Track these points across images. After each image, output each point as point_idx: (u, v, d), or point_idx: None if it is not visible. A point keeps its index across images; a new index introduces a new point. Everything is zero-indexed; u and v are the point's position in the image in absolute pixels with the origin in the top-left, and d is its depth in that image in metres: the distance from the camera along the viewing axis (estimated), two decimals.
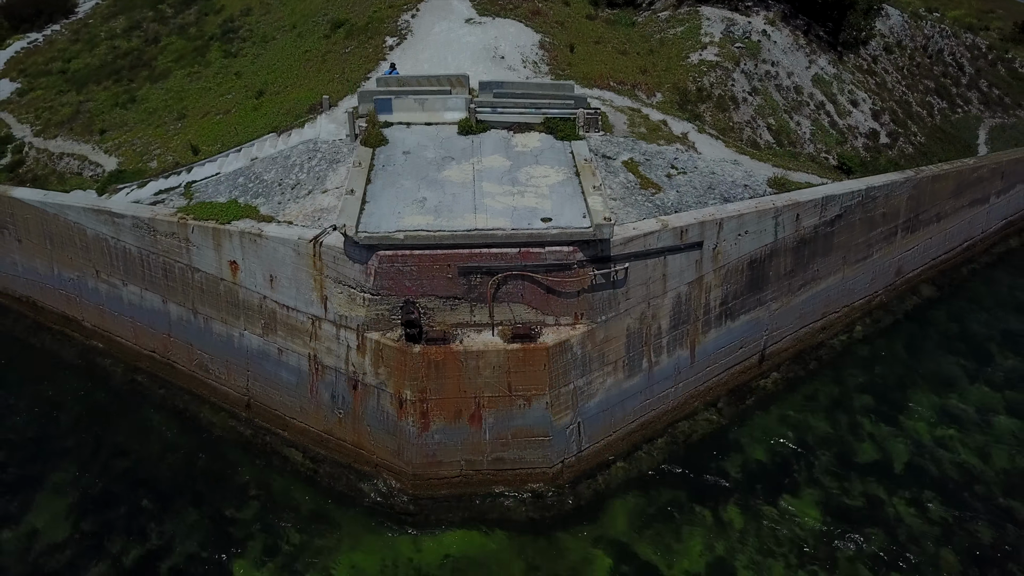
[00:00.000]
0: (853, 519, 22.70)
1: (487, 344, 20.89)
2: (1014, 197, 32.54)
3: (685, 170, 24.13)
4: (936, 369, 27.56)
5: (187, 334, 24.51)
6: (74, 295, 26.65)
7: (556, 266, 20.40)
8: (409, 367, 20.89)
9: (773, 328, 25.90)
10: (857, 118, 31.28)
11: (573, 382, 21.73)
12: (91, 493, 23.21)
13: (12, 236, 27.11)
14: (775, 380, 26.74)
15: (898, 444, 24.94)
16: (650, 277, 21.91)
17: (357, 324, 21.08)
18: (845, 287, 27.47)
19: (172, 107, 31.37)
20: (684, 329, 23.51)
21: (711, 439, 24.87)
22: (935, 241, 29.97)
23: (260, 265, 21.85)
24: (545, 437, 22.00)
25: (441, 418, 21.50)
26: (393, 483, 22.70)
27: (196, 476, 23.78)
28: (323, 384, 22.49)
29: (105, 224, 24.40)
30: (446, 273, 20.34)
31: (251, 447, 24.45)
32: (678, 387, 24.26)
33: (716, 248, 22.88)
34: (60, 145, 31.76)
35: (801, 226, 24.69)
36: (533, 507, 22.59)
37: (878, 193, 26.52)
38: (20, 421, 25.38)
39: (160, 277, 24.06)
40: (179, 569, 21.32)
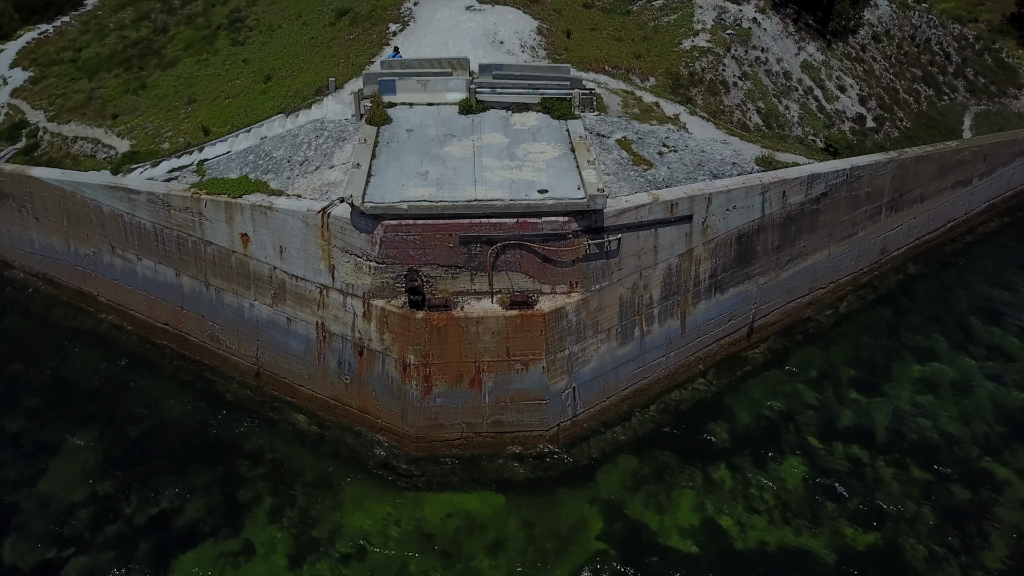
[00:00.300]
0: (836, 479, 23.84)
1: (486, 311, 22.04)
2: (997, 180, 33.69)
3: (676, 148, 25.28)
4: (919, 342, 28.72)
5: (199, 306, 25.65)
6: (90, 270, 27.77)
7: (552, 236, 21.54)
8: (413, 333, 22.02)
9: (761, 302, 27.04)
10: (844, 103, 32.43)
11: (568, 348, 22.87)
12: (107, 457, 24.34)
13: (30, 214, 28.23)
14: (763, 352, 27.91)
15: (880, 411, 26.10)
16: (642, 248, 23.05)
17: (363, 292, 22.21)
18: (831, 264, 28.61)
19: (182, 92, 32.51)
20: (675, 300, 24.64)
21: (701, 406, 26.03)
22: (919, 221, 31.11)
23: (270, 237, 22.99)
24: (542, 401, 23.14)
25: (443, 382, 22.64)
26: (396, 445, 23.89)
27: (208, 442, 24.90)
28: (330, 351, 23.62)
29: (121, 200, 25.54)
30: (447, 242, 21.48)
31: (260, 414, 25.58)
32: (669, 356, 25.41)
33: (705, 222, 24.02)
34: (73, 129, 32.90)
35: (787, 203, 25.83)
36: (530, 468, 23.75)
37: (862, 172, 27.66)
38: (38, 391, 26.50)
39: (174, 251, 25.20)
40: (192, 527, 22.45)
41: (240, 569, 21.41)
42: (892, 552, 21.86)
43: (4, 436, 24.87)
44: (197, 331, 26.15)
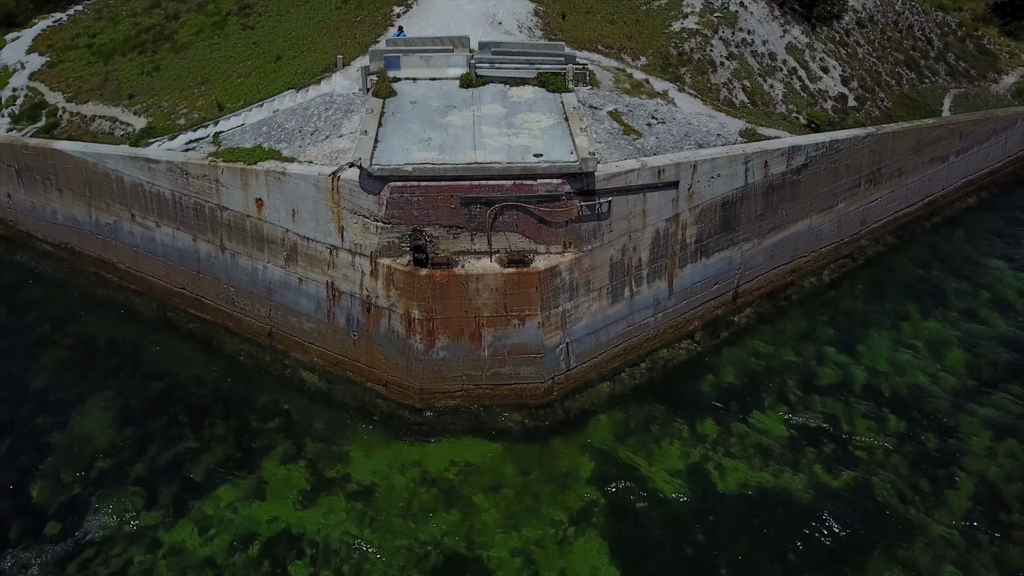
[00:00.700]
0: (814, 429, 25.46)
1: (486, 269, 23.66)
2: (973, 158, 35.30)
3: (664, 120, 26.90)
4: (895, 308, 30.33)
5: (215, 269, 27.28)
6: (110, 239, 29.39)
7: (547, 197, 23.16)
8: (417, 289, 23.64)
9: (745, 267, 28.65)
10: (827, 83, 34.07)
11: (562, 305, 24.48)
12: (130, 409, 25.98)
13: (53, 186, 29.84)
14: (748, 315, 29.53)
15: (858, 369, 27.72)
16: (631, 212, 24.67)
17: (371, 251, 23.83)
18: (812, 233, 30.23)
19: (195, 73, 34.13)
20: (663, 263, 26.27)
21: (688, 364, 27.66)
22: (897, 195, 32.73)
23: (283, 201, 24.61)
24: (537, 355, 24.76)
25: (445, 336, 24.25)
26: (401, 398, 25.51)
27: (223, 396, 26.53)
28: (339, 309, 25.24)
29: (141, 170, 27.16)
30: (449, 203, 23.10)
31: (273, 371, 27.21)
32: (657, 317, 27.03)
33: (691, 188, 25.63)
34: (92, 109, 34.52)
35: (769, 173, 27.45)
36: (526, 418, 25.39)
37: (842, 146, 29.29)
38: (62, 350, 28.11)
39: (191, 217, 26.81)
40: (210, 470, 24.07)
41: (256, 507, 23.03)
42: (864, 493, 23.46)
43: (33, 390, 26.51)
44: (213, 294, 27.80)
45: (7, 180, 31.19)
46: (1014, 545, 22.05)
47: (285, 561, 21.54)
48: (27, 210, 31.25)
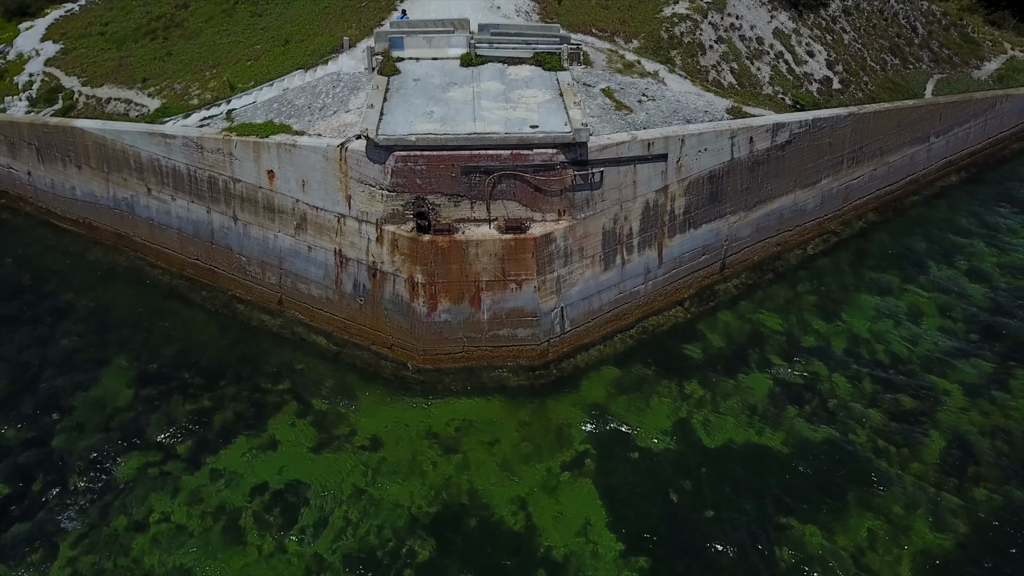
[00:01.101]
0: (795, 390, 26.86)
1: (485, 235, 25.08)
2: (953, 139, 36.72)
3: (654, 98, 28.33)
4: (877, 278, 31.74)
5: (227, 240, 28.69)
6: (127, 213, 30.81)
7: (542, 167, 24.58)
8: (420, 254, 25.06)
9: (732, 239, 30.07)
10: (812, 67, 35.50)
11: (557, 271, 25.90)
12: (147, 371, 27.38)
13: (72, 163, 31.24)
14: (735, 285, 30.94)
15: (839, 335, 29.13)
16: (622, 182, 26.09)
17: (376, 218, 25.25)
18: (797, 208, 31.64)
19: (206, 58, 35.57)
20: (652, 232, 27.68)
21: (677, 329, 29.07)
22: (879, 173, 34.14)
23: (294, 172, 26.04)
24: (533, 317, 26.18)
25: (447, 299, 25.67)
26: (405, 359, 26.93)
27: (235, 360, 27.92)
28: (346, 275, 26.66)
29: (158, 145, 28.58)
30: (450, 172, 24.52)
31: (282, 336, 28.63)
32: (648, 285, 28.44)
33: (679, 161, 27.05)
34: (106, 91, 35.92)
35: (754, 148, 28.87)
36: (523, 377, 26.80)
37: (824, 124, 30.70)
38: (83, 317, 29.48)
39: (205, 190, 28.23)
40: (225, 426, 25.45)
41: (268, 459, 24.43)
42: (842, 446, 24.88)
43: (57, 352, 27.91)
44: (225, 264, 29.21)
45: (28, 158, 32.60)
46: (981, 492, 23.47)
47: (296, 507, 22.96)
48: (47, 187, 32.67)
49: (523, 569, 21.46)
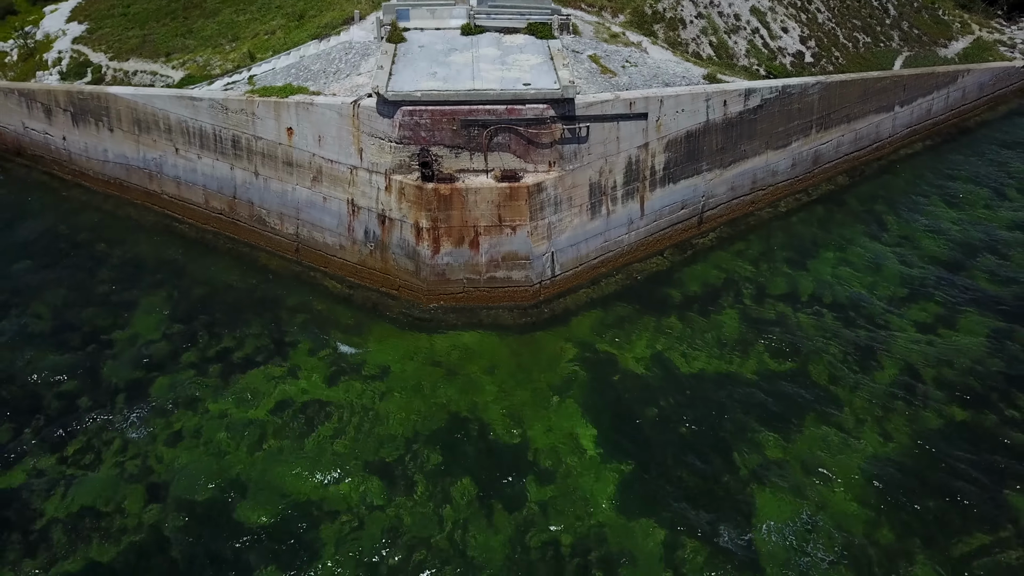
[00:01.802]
0: (764, 326, 29.66)
1: (482, 184, 27.90)
2: (917, 108, 39.55)
3: (636, 64, 31.18)
4: (843, 233, 34.55)
5: (249, 194, 31.53)
6: (155, 172, 33.64)
7: (534, 121, 27.41)
8: (424, 201, 27.89)
9: (709, 195, 32.90)
10: (786, 41, 38.34)
11: (548, 217, 28.73)
12: (177, 311, 30.16)
13: (105, 127, 34.06)
14: (711, 238, 33.76)
15: (805, 280, 31.92)
16: (607, 138, 28.92)
17: (385, 169, 28.08)
18: (769, 168, 34.46)
19: (225, 33, 38.42)
20: (635, 186, 30.51)
21: (658, 276, 31.87)
22: (847, 139, 36.98)
23: (311, 128, 28.85)
24: (527, 260, 29.01)
25: (448, 243, 28.50)
26: (411, 299, 29.76)
27: (256, 302, 30.69)
28: (358, 222, 29.49)
29: (186, 108, 31.41)
30: (451, 126, 27.35)
31: (299, 281, 31.45)
32: (631, 234, 31.26)
33: (659, 120, 29.88)
34: (133, 65, 38.77)
35: (728, 111, 31.69)
36: (517, 315, 29.61)
37: (793, 90, 33.53)
38: (115, 266, 32.23)
39: (229, 148, 31.06)
40: (248, 357, 28.20)
41: (287, 385, 27.21)
42: (804, 373, 27.68)
43: (93, 296, 30.72)
44: (247, 216, 32.05)
45: (63, 124, 35.43)
46: (926, 412, 26.30)
47: (314, 422, 25.76)
48: (80, 150, 35.50)
49: (516, 472, 24.29)
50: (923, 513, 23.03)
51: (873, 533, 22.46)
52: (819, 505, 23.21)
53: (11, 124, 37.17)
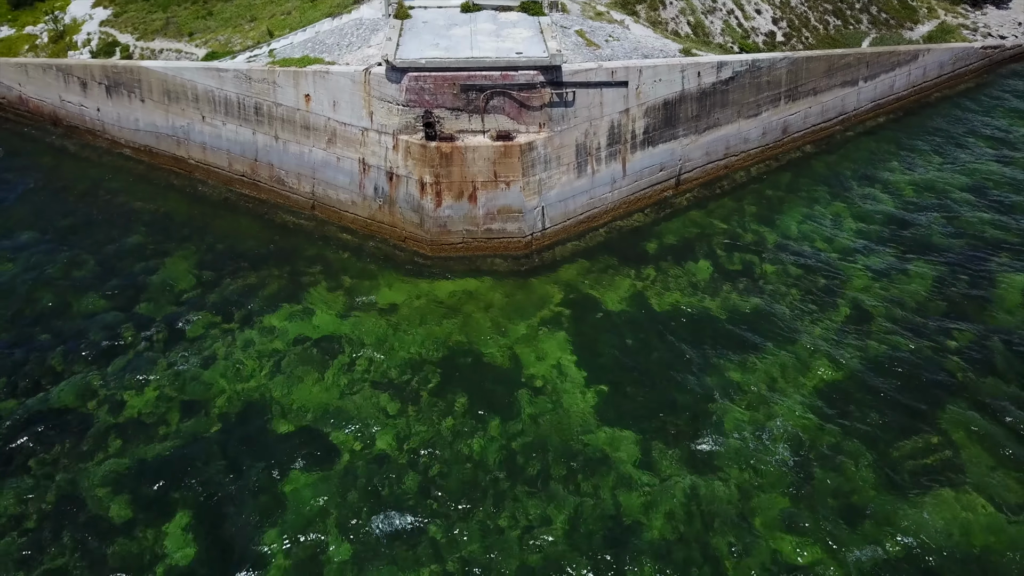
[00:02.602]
0: (732, 273, 32.95)
1: (480, 143, 31.17)
2: (880, 84, 42.84)
3: (619, 39, 34.49)
4: (809, 194, 37.87)
5: (270, 156, 34.81)
6: (183, 138, 36.92)
7: (525, 86, 30.69)
8: (428, 158, 31.16)
9: (685, 159, 36.18)
10: (759, 22, 41.64)
11: (538, 174, 32.01)
12: (204, 260, 33.40)
13: (137, 98, 37.35)
14: (688, 198, 37.09)
15: (772, 234, 35.22)
16: (591, 103, 32.19)
17: (393, 130, 31.35)
18: (741, 136, 37.75)
19: (244, 14, 41.73)
20: (617, 148, 33.78)
21: (638, 231, 35.18)
22: (814, 111, 40.27)
23: (327, 94, 32.13)
24: (520, 213, 32.28)
25: (449, 197, 31.77)
26: (416, 249, 33.04)
27: (275, 252, 33.95)
28: (368, 180, 32.77)
29: (212, 78, 34.69)
30: (452, 90, 30.62)
31: (315, 235, 34.73)
32: (614, 193, 34.54)
33: (638, 88, 33.15)
34: (159, 44, 42.07)
35: (702, 82, 34.98)
36: (511, 263, 32.89)
37: (762, 64, 36.81)
38: (147, 222, 35.55)
39: (252, 114, 34.34)
40: (270, 298, 31.43)
41: (306, 320, 30.50)
42: (766, 313, 30.95)
43: (127, 247, 33.98)
44: (267, 177, 35.35)
45: (97, 96, 38.71)
46: (872, 343, 29.57)
47: (330, 351, 29.02)
48: (113, 120, 38.79)
49: (509, 392, 27.55)
50: (865, 423, 26.35)
51: (820, 438, 25.79)
52: (772, 416, 26.53)
53: (48, 97, 40.48)
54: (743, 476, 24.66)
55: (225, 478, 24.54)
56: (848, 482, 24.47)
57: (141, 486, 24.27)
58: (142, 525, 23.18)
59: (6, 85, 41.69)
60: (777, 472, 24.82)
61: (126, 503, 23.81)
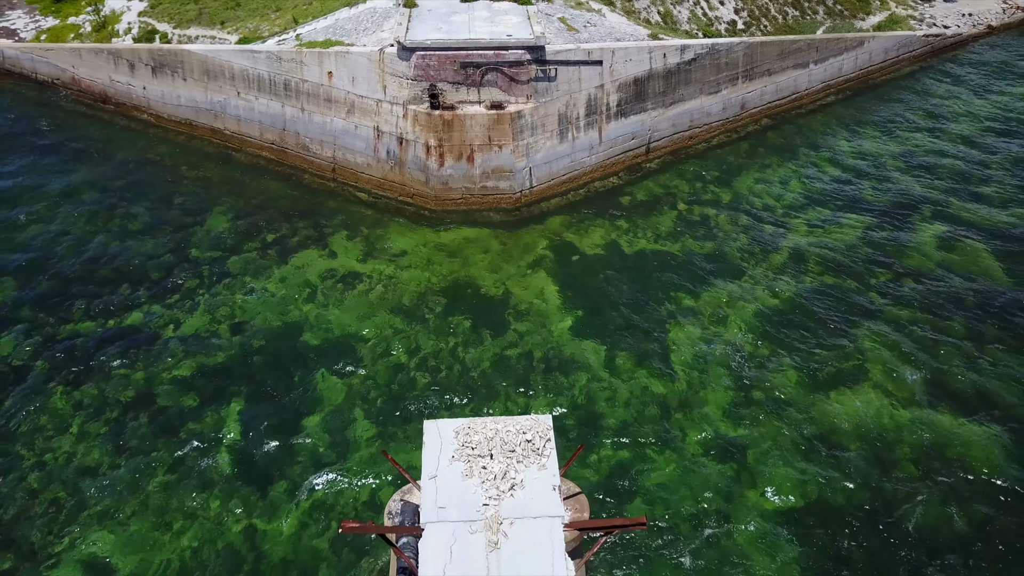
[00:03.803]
0: (691, 224, 38.52)
1: (476, 111, 36.66)
2: (829, 67, 48.37)
3: (595, 25, 40.01)
4: (762, 160, 43.44)
5: (296, 126, 40.30)
6: (219, 112, 42.40)
7: (515, 63, 36.18)
8: (432, 125, 36.63)
9: (654, 129, 41.69)
10: (723, 12, 47.13)
11: (526, 139, 37.50)
12: (239, 214, 38.94)
13: (180, 77, 42.83)
14: (657, 163, 42.67)
15: (727, 193, 40.79)
16: (571, 78, 37.68)
17: (403, 101, 36.82)
18: (704, 110, 43.26)
19: (269, 5, 47.19)
20: (594, 118, 39.28)
21: (613, 190, 40.76)
22: (769, 89, 45.79)
23: (347, 71, 37.61)
24: (510, 173, 37.78)
25: (451, 158, 37.26)
26: (422, 204, 38.55)
27: (301, 208, 39.49)
28: (381, 144, 38.26)
29: (247, 59, 40.17)
30: (453, 67, 36.10)
31: (335, 193, 40.27)
32: (592, 157, 40.06)
33: (611, 66, 38.64)
34: (194, 31, 47.51)
35: (667, 62, 40.47)
36: (503, 215, 38.46)
37: (721, 48, 42.31)
38: (189, 185, 41.09)
39: (281, 90, 39.82)
40: (298, 244, 36.95)
41: (329, 262, 36.02)
42: (719, 254, 36.51)
43: (175, 204, 39.51)
44: (294, 144, 40.84)
45: (143, 76, 44.19)
46: (806, 277, 35.13)
47: (351, 284, 34.54)
48: (158, 97, 44.27)
49: (501, 316, 33.09)
50: (794, 338, 31.92)
51: (757, 349, 31.36)
52: (718, 333, 32.12)
53: (99, 78, 45.95)
54: (691, 375, 30.26)
55: (270, 377, 30.12)
56: (777, 381, 30.08)
57: (202, 383, 29.86)
58: (205, 410, 28.76)
59: (60, 67, 47.15)
60: (719, 373, 30.41)
61: (191, 395, 29.39)
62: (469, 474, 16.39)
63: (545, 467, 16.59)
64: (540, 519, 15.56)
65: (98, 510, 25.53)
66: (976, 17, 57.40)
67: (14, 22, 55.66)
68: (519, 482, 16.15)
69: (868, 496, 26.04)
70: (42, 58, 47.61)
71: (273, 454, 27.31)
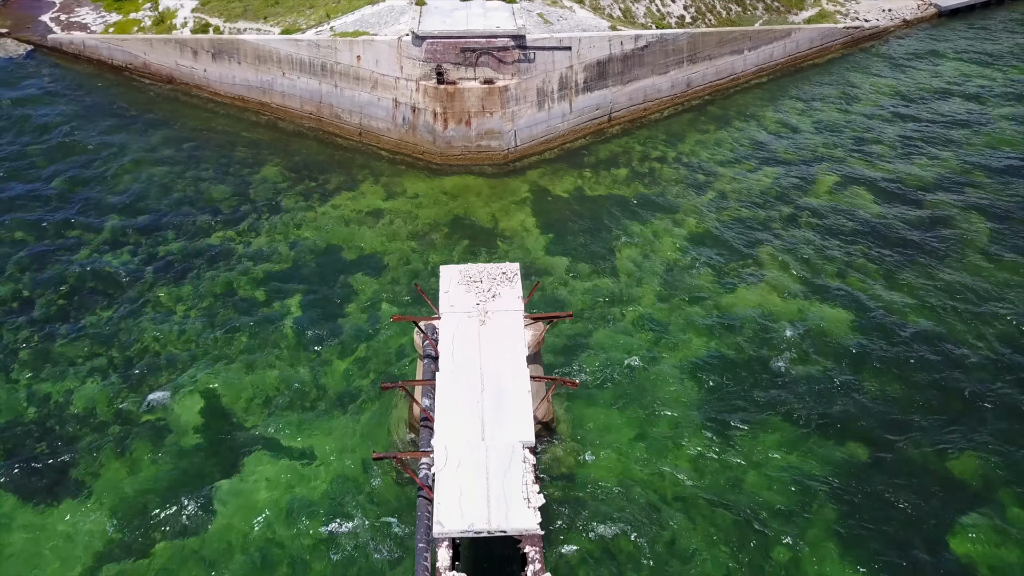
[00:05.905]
0: (642, 175, 48.61)
1: (473, 86, 46.68)
2: (762, 53, 58.39)
3: (567, 19, 50.06)
4: (705, 128, 53.49)
5: (330, 99, 50.32)
6: (267, 88, 52.41)
7: (502, 48, 46.19)
8: (439, 96, 46.66)
9: (614, 102, 51.70)
10: (673, 8, 57.16)
11: (512, 107, 47.51)
12: (286, 168, 48.96)
13: (235, 61, 52.81)
14: (617, 129, 52.75)
15: (672, 152, 50.84)
16: (547, 60, 47.69)
17: (415, 78, 46.85)
18: (655, 88, 53.28)
19: (304, 3, 57.22)
20: (565, 92, 49.29)
21: (581, 150, 50.85)
22: (710, 71, 55.80)
23: (372, 55, 47.62)
24: (499, 134, 47.81)
25: (453, 123, 47.27)
26: (431, 160, 48.63)
27: (335, 164, 49.59)
28: (399, 112, 48.29)
29: (291, 46, 50.18)
30: (455, 51, 46.10)
31: (361, 151, 50.35)
32: (564, 124, 50.10)
33: (579, 52, 48.64)
34: (242, 25, 57.49)
35: (624, 48, 50.48)
36: (495, 169, 48.56)
37: (668, 37, 52.32)
38: (241, 147, 51.14)
39: (319, 71, 49.83)
40: (336, 189, 47.04)
41: (359, 202, 46.09)
42: (660, 195, 46.61)
43: (234, 160, 49.60)
44: (328, 114, 50.88)
45: (205, 60, 54.19)
46: (726, 212, 45.27)
47: (377, 218, 44.64)
48: (216, 78, 54.30)
49: (492, 239, 43.18)
50: (710, 254, 42.08)
51: (681, 260, 41.50)
52: (655, 250, 42.26)
53: (166, 63, 55.96)
54: (631, 279, 40.39)
55: (318, 279, 40.25)
56: (694, 283, 40.23)
57: (268, 282, 39.99)
58: (272, 301, 38.89)
59: (133, 54, 57.17)
60: (652, 278, 40.55)
61: (261, 291, 39.53)
62: (468, 291, 26.52)
63: (513, 287, 26.78)
64: (508, 312, 25.71)
65: (203, 360, 35.72)
66: (894, 12, 67.47)
67: (84, 17, 65.74)
68: (498, 293, 26.27)
69: (754, 354, 36.20)
70: (118, 47, 57.63)
71: (323, 326, 37.46)
